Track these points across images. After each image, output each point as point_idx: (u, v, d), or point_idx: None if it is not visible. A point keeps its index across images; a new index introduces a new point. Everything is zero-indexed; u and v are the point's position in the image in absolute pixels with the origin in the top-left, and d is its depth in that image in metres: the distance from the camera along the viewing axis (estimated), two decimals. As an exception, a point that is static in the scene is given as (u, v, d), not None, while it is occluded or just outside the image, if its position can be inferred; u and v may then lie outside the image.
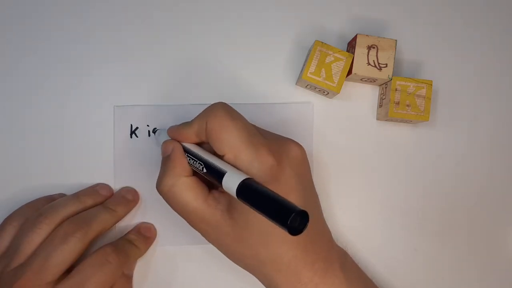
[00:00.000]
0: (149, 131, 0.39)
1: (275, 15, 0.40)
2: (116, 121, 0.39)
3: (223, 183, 0.28)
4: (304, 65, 0.39)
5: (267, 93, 0.40)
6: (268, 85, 0.40)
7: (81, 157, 0.38)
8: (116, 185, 0.38)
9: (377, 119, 0.40)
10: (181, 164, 0.32)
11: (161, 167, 0.33)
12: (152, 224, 0.38)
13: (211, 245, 0.38)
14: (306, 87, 0.39)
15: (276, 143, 0.31)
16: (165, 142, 0.34)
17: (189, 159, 0.32)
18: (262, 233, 0.30)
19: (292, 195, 0.30)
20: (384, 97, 0.39)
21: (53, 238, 0.32)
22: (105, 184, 0.38)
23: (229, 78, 0.40)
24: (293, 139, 0.33)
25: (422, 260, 0.40)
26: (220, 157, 0.30)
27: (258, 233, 0.30)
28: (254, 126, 0.32)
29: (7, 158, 0.38)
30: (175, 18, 0.40)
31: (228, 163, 0.30)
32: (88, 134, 0.39)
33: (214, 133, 0.30)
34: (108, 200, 0.37)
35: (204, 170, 0.30)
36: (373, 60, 0.37)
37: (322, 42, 0.37)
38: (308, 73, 0.37)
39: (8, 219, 0.35)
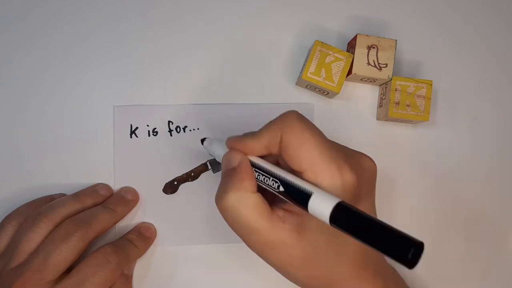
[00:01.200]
0: (148, 131, 0.39)
1: (275, 15, 0.41)
2: (116, 121, 0.39)
3: (309, 206, 0.25)
4: (304, 65, 0.39)
5: (267, 93, 0.40)
6: (268, 85, 0.40)
7: (81, 157, 0.38)
8: (116, 185, 0.38)
9: (377, 119, 0.40)
10: (250, 179, 0.28)
11: (223, 180, 0.29)
12: (152, 224, 0.38)
13: (211, 245, 0.38)
14: (306, 87, 0.39)
15: (352, 158, 0.29)
16: (230, 153, 0.30)
17: (258, 175, 0.28)
18: (332, 254, 0.29)
19: None
20: (384, 97, 0.39)
21: (53, 237, 0.32)
22: (105, 184, 0.38)
23: (229, 78, 0.40)
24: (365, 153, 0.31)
25: (422, 260, 0.39)
26: (297, 173, 0.27)
27: (330, 254, 0.29)
28: (328, 139, 0.29)
29: (7, 158, 0.38)
30: (175, 18, 0.40)
31: (308, 181, 0.27)
32: (88, 134, 0.39)
33: (292, 148, 0.27)
34: (108, 200, 0.37)
35: (281, 189, 0.27)
36: (373, 60, 0.37)
37: (322, 42, 0.37)
38: (308, 73, 0.37)
39: (7, 218, 0.35)
